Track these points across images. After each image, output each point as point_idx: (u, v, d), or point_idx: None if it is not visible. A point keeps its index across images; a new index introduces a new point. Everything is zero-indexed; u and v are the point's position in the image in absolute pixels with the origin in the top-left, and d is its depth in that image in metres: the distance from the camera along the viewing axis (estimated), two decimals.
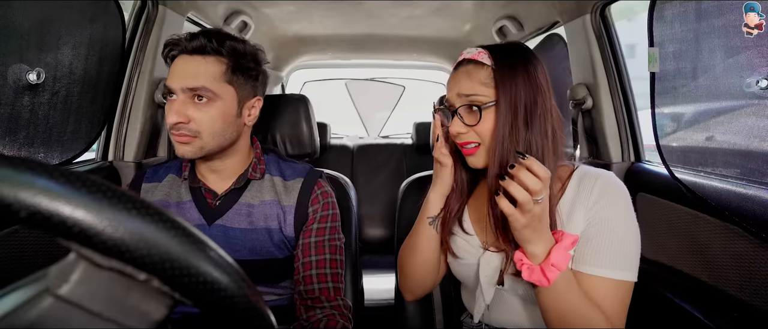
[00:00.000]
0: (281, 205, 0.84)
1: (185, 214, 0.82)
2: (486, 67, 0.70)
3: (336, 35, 1.92)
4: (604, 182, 0.69)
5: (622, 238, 0.67)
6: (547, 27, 1.47)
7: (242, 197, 0.83)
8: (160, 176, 0.88)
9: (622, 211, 0.68)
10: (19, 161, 0.21)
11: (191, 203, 0.83)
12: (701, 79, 0.84)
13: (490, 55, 0.70)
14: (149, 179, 0.88)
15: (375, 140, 2.64)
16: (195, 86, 0.74)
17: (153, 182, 0.87)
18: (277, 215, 0.83)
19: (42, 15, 0.85)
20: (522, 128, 0.67)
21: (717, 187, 0.83)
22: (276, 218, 0.83)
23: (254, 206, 0.83)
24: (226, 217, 0.82)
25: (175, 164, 0.89)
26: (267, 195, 0.84)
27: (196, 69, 0.75)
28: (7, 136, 0.81)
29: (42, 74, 0.84)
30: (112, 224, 0.21)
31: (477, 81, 0.69)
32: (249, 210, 0.82)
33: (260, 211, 0.83)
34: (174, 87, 0.75)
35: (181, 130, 0.75)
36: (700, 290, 0.90)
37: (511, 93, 0.68)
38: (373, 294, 1.63)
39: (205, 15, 1.41)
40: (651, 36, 0.88)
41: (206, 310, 0.25)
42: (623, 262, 0.66)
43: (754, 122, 0.73)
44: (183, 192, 0.84)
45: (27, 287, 0.23)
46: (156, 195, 0.85)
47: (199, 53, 0.76)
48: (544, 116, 0.68)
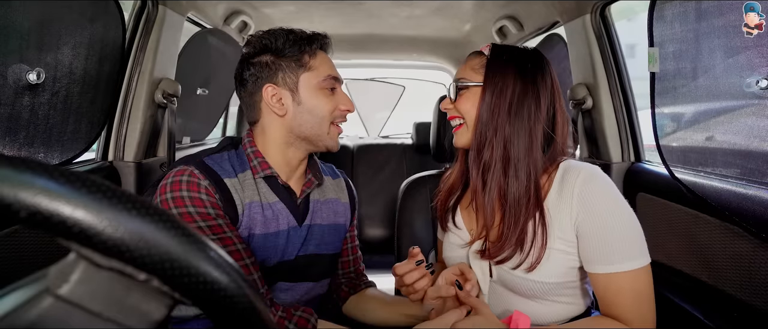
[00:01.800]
0: (341, 202, 0.92)
1: (279, 216, 0.79)
2: (482, 57, 0.76)
3: (336, 35, 1.90)
4: (585, 176, 0.70)
5: (619, 227, 0.67)
6: (547, 27, 1.47)
7: (314, 195, 0.87)
8: (229, 171, 0.78)
9: (610, 201, 0.69)
10: (19, 161, 0.21)
11: (280, 203, 0.80)
12: (701, 79, 0.84)
13: (492, 49, 0.76)
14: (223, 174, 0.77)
15: (375, 140, 2.64)
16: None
17: (230, 178, 0.77)
18: (343, 212, 0.92)
19: (42, 15, 0.85)
20: (504, 118, 0.71)
21: (717, 187, 0.83)
22: (343, 215, 0.91)
23: (326, 202, 0.88)
24: (311, 216, 0.84)
25: (233, 157, 0.80)
26: (330, 193, 0.90)
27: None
28: (7, 136, 0.81)
29: (42, 74, 0.84)
30: (112, 224, 0.21)
31: (469, 67, 0.77)
32: (323, 207, 0.87)
33: (330, 208, 0.89)
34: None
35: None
36: (700, 290, 0.90)
37: (498, 81, 0.72)
38: None
39: (205, 15, 1.41)
40: (651, 36, 0.88)
41: (206, 310, 0.25)
42: (629, 251, 0.67)
43: (754, 122, 0.73)
44: (266, 192, 0.79)
45: (27, 287, 0.23)
46: (247, 195, 0.77)
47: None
48: (532, 117, 0.71)
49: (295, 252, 0.81)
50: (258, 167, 0.79)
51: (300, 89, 0.78)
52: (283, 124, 0.79)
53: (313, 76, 0.78)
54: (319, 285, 0.88)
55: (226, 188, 0.74)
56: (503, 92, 0.71)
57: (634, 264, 0.67)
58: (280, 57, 0.78)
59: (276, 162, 0.80)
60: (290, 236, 0.80)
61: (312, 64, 0.79)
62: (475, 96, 0.74)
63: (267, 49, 0.78)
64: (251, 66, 0.79)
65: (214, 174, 0.74)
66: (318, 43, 0.81)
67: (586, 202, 0.68)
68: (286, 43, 0.78)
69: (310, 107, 0.78)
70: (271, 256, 0.78)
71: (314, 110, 0.78)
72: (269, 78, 0.78)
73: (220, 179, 0.74)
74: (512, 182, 0.71)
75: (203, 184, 0.72)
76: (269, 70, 0.78)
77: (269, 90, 0.77)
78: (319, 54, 0.81)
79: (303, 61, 0.78)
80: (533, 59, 0.75)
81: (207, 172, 0.74)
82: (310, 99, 0.78)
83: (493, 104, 0.71)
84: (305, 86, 0.78)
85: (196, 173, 0.72)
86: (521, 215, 0.70)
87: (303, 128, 0.79)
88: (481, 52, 0.77)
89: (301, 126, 0.78)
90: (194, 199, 0.70)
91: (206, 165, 0.75)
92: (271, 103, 0.78)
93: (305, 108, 0.78)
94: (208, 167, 0.75)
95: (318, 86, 0.78)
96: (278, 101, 0.78)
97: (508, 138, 0.71)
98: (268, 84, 0.78)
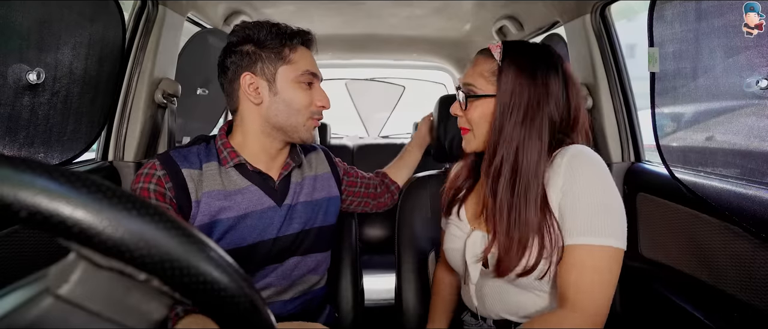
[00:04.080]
0: (324, 175, 0.96)
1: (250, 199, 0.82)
2: (493, 62, 0.74)
3: (336, 35, 1.92)
4: (575, 151, 0.69)
5: (594, 202, 0.65)
6: (547, 27, 1.47)
7: (295, 177, 0.90)
8: (193, 162, 0.81)
9: (594, 178, 0.67)
10: (19, 161, 0.21)
11: (253, 186, 0.83)
12: (701, 79, 0.84)
13: (502, 51, 0.73)
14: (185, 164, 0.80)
15: (375, 140, 2.64)
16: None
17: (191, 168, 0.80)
18: (327, 183, 0.95)
19: (42, 15, 0.85)
20: (518, 126, 0.70)
21: (717, 187, 0.83)
22: (327, 187, 0.95)
23: (308, 180, 0.92)
24: (292, 196, 0.87)
25: (201, 150, 0.84)
26: (312, 170, 0.94)
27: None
28: (7, 136, 0.81)
29: (42, 74, 0.84)
30: (112, 224, 0.21)
31: (479, 73, 0.75)
32: (305, 186, 0.90)
33: (311, 184, 0.92)
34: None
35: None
36: (700, 290, 0.90)
37: (512, 93, 0.70)
38: (373, 294, 1.63)
39: (205, 15, 1.41)
40: (651, 36, 0.88)
41: (206, 310, 0.25)
42: (598, 226, 0.64)
43: (754, 122, 0.73)
44: (236, 179, 0.82)
45: (27, 287, 0.23)
46: (206, 184, 0.80)
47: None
48: (545, 119, 0.70)
49: (275, 231, 0.84)
50: (228, 157, 0.82)
51: (277, 80, 0.81)
52: (259, 113, 0.82)
53: (292, 70, 0.81)
54: (308, 260, 0.90)
55: (182, 178, 0.78)
56: (518, 103, 0.70)
57: (600, 240, 0.64)
58: (261, 48, 0.81)
59: (253, 151, 0.84)
60: (267, 216, 0.83)
61: (292, 58, 0.82)
62: (485, 106, 0.73)
63: (249, 39, 0.81)
64: (233, 54, 0.82)
65: (173, 165, 0.79)
66: (299, 39, 0.84)
67: (571, 173, 0.67)
68: (268, 35, 0.81)
69: (285, 98, 0.81)
70: (247, 236, 0.81)
71: (289, 101, 0.81)
72: (248, 67, 0.81)
73: (178, 170, 0.78)
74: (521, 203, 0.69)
75: (158, 174, 0.77)
76: (249, 60, 0.81)
77: (247, 78, 0.81)
78: (300, 49, 0.83)
79: (283, 54, 0.81)
80: (545, 58, 0.73)
81: (167, 163, 0.79)
82: (287, 91, 0.81)
83: (507, 115, 0.70)
84: (283, 78, 0.81)
85: (156, 165, 0.78)
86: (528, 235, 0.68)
87: (278, 118, 0.82)
88: (491, 53, 0.74)
89: (277, 116, 0.82)
90: (142, 189, 0.75)
91: (169, 156, 0.80)
92: (248, 91, 0.81)
93: (281, 99, 0.81)
94: (170, 158, 0.80)
95: (295, 79, 0.82)
96: (255, 89, 0.81)
97: (520, 144, 0.70)
98: (247, 72, 0.81)
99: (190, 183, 0.78)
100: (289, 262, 0.87)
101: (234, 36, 0.83)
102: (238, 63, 0.81)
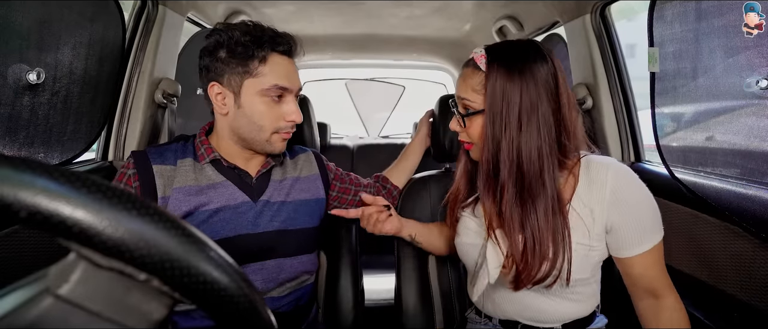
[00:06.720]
0: (311, 177, 0.95)
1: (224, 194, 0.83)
2: (480, 74, 0.72)
3: (336, 35, 1.92)
4: (616, 170, 0.72)
5: (650, 212, 0.72)
6: (547, 27, 1.47)
7: (275, 175, 0.90)
8: (168, 158, 0.82)
9: (641, 192, 0.72)
10: (19, 161, 0.21)
11: (227, 182, 0.83)
12: (701, 79, 0.84)
13: (487, 60, 0.71)
14: (158, 161, 0.81)
15: (375, 140, 2.64)
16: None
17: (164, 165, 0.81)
18: (314, 185, 0.94)
19: (42, 15, 0.85)
20: (514, 132, 0.69)
21: (717, 187, 0.83)
22: (313, 189, 0.94)
23: (288, 180, 0.91)
24: (270, 193, 0.87)
25: (178, 147, 0.85)
26: (295, 172, 0.93)
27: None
28: (7, 136, 0.81)
29: (42, 74, 0.84)
30: (112, 224, 0.21)
31: (470, 87, 0.73)
32: (285, 185, 0.90)
33: (292, 185, 0.91)
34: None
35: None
36: (700, 290, 0.90)
37: (500, 102, 0.69)
38: (373, 294, 1.63)
39: (205, 15, 1.41)
40: (651, 36, 0.88)
41: (206, 310, 0.25)
42: (656, 226, 0.72)
43: (754, 122, 0.73)
44: (211, 174, 0.83)
45: (27, 287, 0.23)
46: (178, 180, 0.81)
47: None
48: (543, 117, 0.69)
49: (250, 226, 0.83)
50: (204, 154, 0.83)
51: (242, 93, 0.79)
52: (226, 122, 0.82)
53: (258, 84, 0.78)
54: (294, 261, 0.88)
55: (151, 176, 0.79)
56: (510, 108, 0.69)
57: (660, 235, 0.72)
58: (230, 56, 0.78)
59: (229, 152, 0.85)
60: (241, 211, 0.82)
61: (259, 71, 0.78)
62: (479, 120, 0.73)
63: (221, 44, 0.79)
64: (207, 56, 0.81)
65: (145, 162, 0.80)
66: (271, 47, 0.79)
67: (621, 195, 0.70)
68: (238, 44, 0.78)
69: (249, 112, 0.79)
70: (220, 230, 0.81)
71: (253, 116, 0.79)
72: (216, 77, 0.80)
73: (149, 167, 0.80)
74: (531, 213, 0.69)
75: (129, 173, 0.79)
76: (218, 69, 0.79)
77: (215, 88, 0.80)
78: (272, 60, 0.79)
79: (249, 67, 0.78)
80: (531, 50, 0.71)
81: (140, 160, 0.80)
82: (251, 105, 0.79)
83: (500, 123, 0.70)
84: (248, 91, 0.79)
85: (130, 164, 0.80)
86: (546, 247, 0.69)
87: (241, 131, 0.81)
88: (477, 65, 0.72)
89: (241, 129, 0.81)
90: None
91: (143, 153, 0.82)
92: (216, 101, 0.81)
93: (245, 113, 0.79)
94: (144, 155, 0.81)
95: (261, 93, 0.79)
96: (222, 99, 0.80)
97: (519, 148, 0.69)
98: (214, 82, 0.80)
99: (159, 180, 0.79)
100: (272, 263, 0.85)
101: (210, 38, 0.81)
102: (209, 68, 0.80)
